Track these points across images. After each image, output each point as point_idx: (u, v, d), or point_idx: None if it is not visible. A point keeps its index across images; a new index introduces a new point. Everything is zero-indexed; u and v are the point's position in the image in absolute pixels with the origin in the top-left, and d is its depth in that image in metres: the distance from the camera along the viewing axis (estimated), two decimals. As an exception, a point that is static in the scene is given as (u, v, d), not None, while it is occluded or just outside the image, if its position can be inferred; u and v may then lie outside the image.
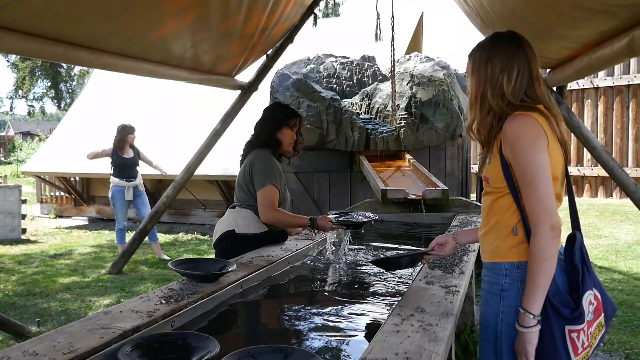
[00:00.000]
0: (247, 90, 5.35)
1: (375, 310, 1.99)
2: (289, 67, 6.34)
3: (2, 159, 25.27)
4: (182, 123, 9.20)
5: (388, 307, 1.96)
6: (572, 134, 5.05)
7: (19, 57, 25.47)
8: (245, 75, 5.35)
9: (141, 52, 3.44)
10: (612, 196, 10.06)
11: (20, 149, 23.43)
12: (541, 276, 1.50)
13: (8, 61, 27.07)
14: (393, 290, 2.20)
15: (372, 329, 1.73)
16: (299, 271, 2.53)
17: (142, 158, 6.62)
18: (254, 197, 2.79)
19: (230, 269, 2.14)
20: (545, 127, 1.57)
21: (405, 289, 2.05)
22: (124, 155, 6.40)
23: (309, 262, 2.73)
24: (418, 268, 2.31)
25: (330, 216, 2.92)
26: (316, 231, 2.94)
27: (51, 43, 2.77)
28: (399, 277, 2.38)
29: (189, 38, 3.51)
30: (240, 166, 2.91)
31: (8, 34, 2.46)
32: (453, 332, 1.57)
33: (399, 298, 1.97)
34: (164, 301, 1.81)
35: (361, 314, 1.94)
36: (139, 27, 3.05)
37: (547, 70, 4.94)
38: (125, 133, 6.37)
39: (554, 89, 4.91)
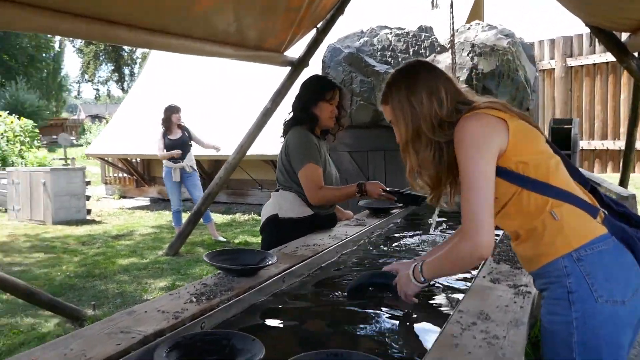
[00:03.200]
0: (297, 66, 5.12)
1: (432, 311, 1.73)
2: (341, 41, 6.04)
3: (74, 141, 26.51)
4: (238, 102, 9.12)
5: (447, 309, 1.71)
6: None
7: (83, 42, 26.39)
8: (296, 51, 5.13)
9: (182, 28, 3.27)
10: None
11: (90, 132, 24.44)
12: (446, 270, 1.58)
13: (74, 46, 28.15)
14: (453, 286, 1.93)
15: (428, 336, 1.50)
16: (348, 262, 2.31)
17: (192, 138, 6.58)
18: (294, 179, 2.61)
19: (270, 262, 1.96)
20: (498, 114, 1.43)
21: (467, 287, 1.79)
22: (170, 137, 6.39)
23: (361, 251, 2.50)
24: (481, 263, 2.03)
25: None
26: (363, 196, 2.75)
27: (87, 21, 2.65)
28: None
29: (231, 12, 3.31)
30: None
31: (40, 12, 2.34)
32: (524, 347, 1.31)
33: (460, 297, 1.73)
34: (194, 299, 1.65)
35: (416, 317, 1.69)
36: (177, 1, 2.88)
37: (628, 35, 4.42)
38: (170, 113, 6.36)
39: (635, 54, 4.38)
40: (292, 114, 2.77)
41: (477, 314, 1.48)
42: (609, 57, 9.73)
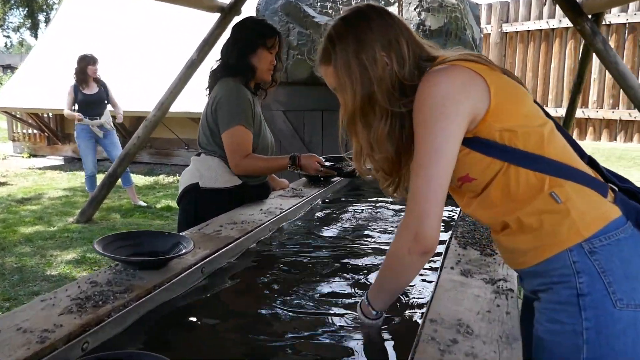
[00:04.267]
0: (228, 13, 4.56)
1: (397, 318, 1.35)
2: (278, -11, 5.50)
3: (-18, 93, 24.20)
4: (160, 52, 8.32)
5: (414, 313, 1.35)
6: (606, 70, 4.38)
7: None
8: (226, -5, 4.57)
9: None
10: (616, 140, 9.52)
11: (1, 83, 22.32)
12: (391, 282, 1.19)
13: (-22, -13, 25.15)
14: (415, 282, 1.57)
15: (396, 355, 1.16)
16: (284, 244, 1.92)
17: (109, 97, 5.85)
18: (218, 142, 2.18)
19: (184, 250, 1.53)
20: (475, 67, 1.10)
21: (432, 283, 1.45)
22: (85, 92, 5.64)
23: (297, 230, 2.12)
24: (444, 248, 1.70)
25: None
26: (298, 172, 2.35)
27: None
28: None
29: None
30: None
31: None
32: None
33: (424, 298, 1.39)
34: (75, 308, 1.20)
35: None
36: None
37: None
38: (84, 64, 5.58)
39: (589, 17, 4.18)
40: (221, 62, 2.29)
41: (455, 325, 1.14)
42: (543, 25, 9.76)
